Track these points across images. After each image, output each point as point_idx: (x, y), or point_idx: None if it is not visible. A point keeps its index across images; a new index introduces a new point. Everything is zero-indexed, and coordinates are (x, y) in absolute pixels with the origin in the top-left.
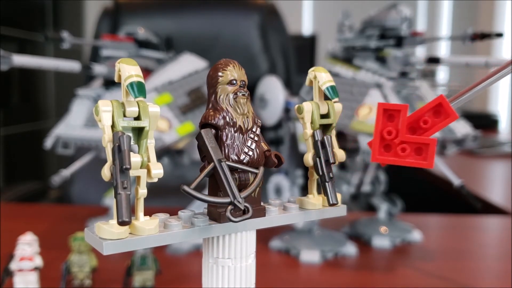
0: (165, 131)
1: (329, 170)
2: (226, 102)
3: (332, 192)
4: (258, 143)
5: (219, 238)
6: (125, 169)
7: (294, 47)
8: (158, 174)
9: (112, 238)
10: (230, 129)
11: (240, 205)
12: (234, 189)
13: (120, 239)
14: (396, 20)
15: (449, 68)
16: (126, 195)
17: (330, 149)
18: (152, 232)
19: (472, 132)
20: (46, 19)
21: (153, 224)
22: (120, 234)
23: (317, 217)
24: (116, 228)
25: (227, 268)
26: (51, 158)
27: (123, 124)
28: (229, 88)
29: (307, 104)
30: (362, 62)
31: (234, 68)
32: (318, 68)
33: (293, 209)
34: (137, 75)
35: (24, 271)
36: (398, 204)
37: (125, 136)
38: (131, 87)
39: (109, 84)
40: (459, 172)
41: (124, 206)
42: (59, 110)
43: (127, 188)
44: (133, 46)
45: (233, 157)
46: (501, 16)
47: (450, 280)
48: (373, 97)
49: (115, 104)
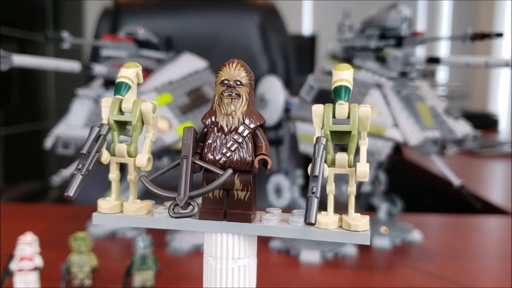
0: (165, 131)
1: (314, 183)
2: (216, 102)
3: (311, 209)
4: (241, 145)
5: (220, 239)
6: (83, 154)
7: (294, 47)
8: (140, 163)
9: (101, 212)
10: (214, 129)
11: (179, 202)
12: (184, 186)
13: (108, 214)
14: (396, 20)
15: (449, 68)
16: (78, 176)
17: (318, 159)
18: (139, 213)
19: (472, 132)
20: (46, 19)
21: (139, 206)
22: (108, 210)
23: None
24: (106, 204)
25: (228, 269)
26: (51, 158)
27: (114, 118)
28: (220, 88)
29: (317, 107)
30: (362, 62)
31: (229, 68)
32: (338, 66)
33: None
34: (124, 76)
35: (24, 271)
36: (398, 204)
37: (95, 126)
38: (114, 87)
39: (109, 84)
40: (459, 172)
41: (74, 184)
42: (59, 110)
43: (81, 169)
44: (133, 46)
45: (209, 157)
46: (501, 16)
47: (450, 280)
48: (373, 97)
49: (114, 101)
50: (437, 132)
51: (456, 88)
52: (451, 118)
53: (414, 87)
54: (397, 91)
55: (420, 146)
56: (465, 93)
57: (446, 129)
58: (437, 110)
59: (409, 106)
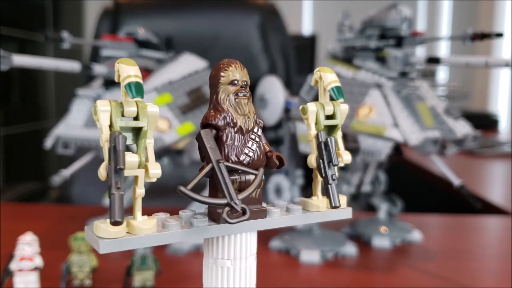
0: (165, 131)
1: (332, 172)
2: (227, 102)
3: (334, 194)
4: (258, 144)
5: (220, 239)
6: (119, 169)
7: (294, 47)
8: (156, 174)
9: (109, 237)
10: (231, 130)
11: (236, 207)
12: (231, 190)
13: (117, 238)
14: (396, 20)
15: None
16: (119, 195)
17: (334, 151)
18: (149, 232)
19: (472, 132)
20: (46, 19)
21: (151, 223)
22: (117, 233)
23: (320, 220)
24: (113, 227)
25: (228, 269)
26: (51, 158)
27: (121, 124)
28: (231, 88)
29: (312, 105)
30: (362, 62)
31: (236, 68)
32: (323, 68)
33: (296, 211)
34: (135, 75)
35: (24, 271)
36: (398, 204)
37: (120, 136)
38: (129, 88)
39: (109, 84)
40: (459, 172)
41: (117, 206)
42: (59, 110)
43: (121, 188)
44: (133, 46)
45: (233, 158)
46: (501, 16)
47: (450, 280)
48: (373, 97)
49: (114, 104)
50: (437, 132)
51: (456, 88)
52: (451, 118)
53: (414, 87)
54: (397, 91)
55: (420, 146)
56: (465, 93)
57: (446, 129)
58: (437, 110)
59: (409, 106)
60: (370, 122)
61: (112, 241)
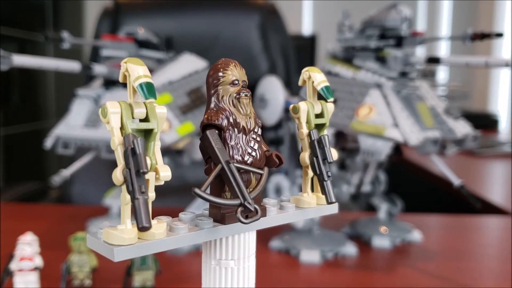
0: (165, 131)
1: (327, 169)
2: (228, 102)
3: (330, 190)
4: (259, 144)
5: (224, 240)
6: (142, 173)
7: (294, 47)
8: (166, 177)
9: (123, 244)
10: (234, 130)
11: (250, 207)
12: (244, 190)
13: (131, 245)
14: (396, 20)
15: (449, 68)
16: (144, 200)
17: (328, 148)
18: (161, 236)
19: (472, 132)
20: (46, 19)
21: (162, 228)
22: (131, 240)
23: (313, 215)
24: (126, 234)
25: (232, 269)
26: (51, 158)
27: (132, 126)
28: (231, 88)
29: (303, 104)
30: (362, 62)
31: (235, 68)
32: (312, 68)
33: (290, 208)
34: (145, 75)
35: (24, 271)
36: (398, 204)
37: (139, 139)
38: (141, 88)
39: (109, 84)
40: (459, 172)
41: (143, 211)
42: (59, 110)
43: (145, 192)
44: (133, 46)
45: (238, 158)
46: (501, 16)
47: (450, 280)
48: (373, 97)
49: (124, 106)
50: (437, 132)
51: (456, 88)
52: (451, 118)
53: (414, 87)
54: (397, 91)
55: (420, 146)
56: (465, 93)
57: (446, 129)
58: (437, 110)
59: (409, 106)
60: (370, 122)
61: (126, 247)
